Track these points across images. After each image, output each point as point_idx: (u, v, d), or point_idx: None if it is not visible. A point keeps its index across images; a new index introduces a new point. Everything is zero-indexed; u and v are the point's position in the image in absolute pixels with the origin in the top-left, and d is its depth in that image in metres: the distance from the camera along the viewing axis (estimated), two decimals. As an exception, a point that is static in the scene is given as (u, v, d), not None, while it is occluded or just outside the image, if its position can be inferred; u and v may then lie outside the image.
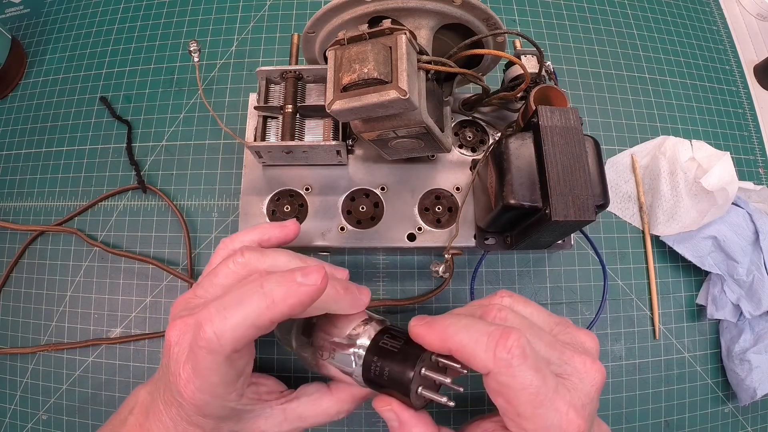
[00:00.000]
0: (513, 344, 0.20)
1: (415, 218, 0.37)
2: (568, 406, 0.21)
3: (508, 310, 0.24)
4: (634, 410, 0.40)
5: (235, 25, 0.49)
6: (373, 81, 0.25)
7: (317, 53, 0.34)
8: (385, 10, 0.29)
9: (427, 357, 0.24)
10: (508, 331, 0.21)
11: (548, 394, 0.20)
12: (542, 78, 0.33)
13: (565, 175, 0.27)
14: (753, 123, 0.50)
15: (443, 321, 0.23)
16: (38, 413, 0.40)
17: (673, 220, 0.42)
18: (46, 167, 0.45)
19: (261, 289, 0.22)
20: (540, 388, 0.20)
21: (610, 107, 0.48)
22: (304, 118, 0.36)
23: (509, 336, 0.21)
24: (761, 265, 0.41)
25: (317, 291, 0.22)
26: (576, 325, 0.25)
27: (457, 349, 0.22)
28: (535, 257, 0.42)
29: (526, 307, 0.25)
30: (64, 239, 0.43)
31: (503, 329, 0.21)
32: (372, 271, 0.41)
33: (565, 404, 0.21)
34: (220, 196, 0.43)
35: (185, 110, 0.46)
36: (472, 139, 0.39)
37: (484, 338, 0.21)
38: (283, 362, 0.39)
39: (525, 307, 0.25)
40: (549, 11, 0.51)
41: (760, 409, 0.42)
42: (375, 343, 0.25)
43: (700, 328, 0.42)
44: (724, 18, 0.54)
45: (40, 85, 0.48)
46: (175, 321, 0.24)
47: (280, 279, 0.22)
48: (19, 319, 0.42)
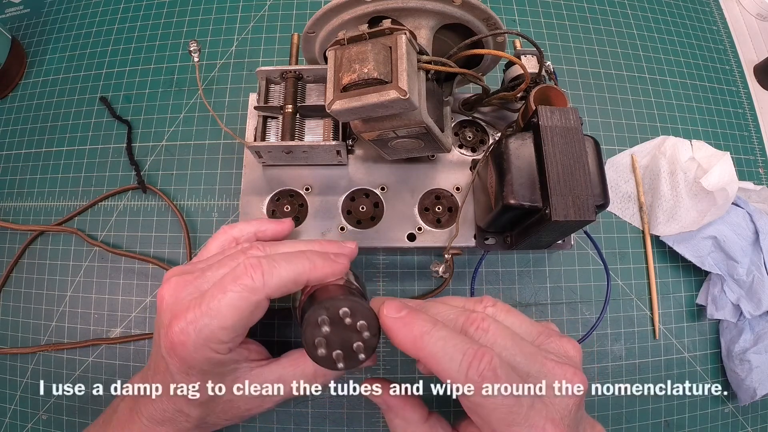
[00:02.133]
0: (485, 366, 0.21)
1: (415, 218, 0.37)
2: (545, 421, 0.21)
3: (491, 320, 0.23)
4: (634, 410, 0.40)
5: (235, 25, 0.49)
6: (373, 81, 0.25)
7: (317, 53, 0.34)
8: (385, 10, 0.29)
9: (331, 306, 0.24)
10: (482, 351, 0.21)
11: (522, 411, 0.21)
12: (542, 78, 0.33)
13: (565, 175, 0.27)
14: (753, 123, 0.50)
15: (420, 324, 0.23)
16: (38, 413, 0.40)
17: (673, 220, 0.42)
18: (46, 167, 0.45)
19: (305, 254, 0.27)
20: (513, 407, 0.21)
21: (610, 107, 0.48)
22: (304, 118, 0.36)
23: (483, 357, 0.21)
24: (761, 265, 0.41)
25: (345, 268, 0.28)
26: (560, 334, 0.25)
27: (428, 361, 0.22)
28: (535, 257, 0.42)
29: (509, 317, 0.25)
30: (64, 239, 0.43)
31: (477, 349, 0.21)
32: (372, 271, 0.41)
33: (541, 419, 0.21)
34: (220, 196, 0.43)
35: (185, 110, 0.46)
36: (472, 139, 0.39)
37: (459, 356, 0.21)
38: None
39: (508, 317, 0.25)
40: (549, 11, 0.51)
41: (760, 409, 0.42)
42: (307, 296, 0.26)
43: (700, 328, 0.42)
44: (724, 18, 0.54)
45: (40, 85, 0.48)
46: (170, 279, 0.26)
47: (319, 252, 0.27)
48: (19, 319, 0.42)
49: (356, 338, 0.24)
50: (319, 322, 0.23)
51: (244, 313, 0.25)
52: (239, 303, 0.24)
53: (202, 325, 0.24)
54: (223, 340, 0.25)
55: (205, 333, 0.24)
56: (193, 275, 0.27)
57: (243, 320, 0.25)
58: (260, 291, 0.25)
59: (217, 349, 0.25)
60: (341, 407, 0.38)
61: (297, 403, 0.38)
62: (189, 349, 0.24)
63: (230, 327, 0.24)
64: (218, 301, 0.24)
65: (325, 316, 0.23)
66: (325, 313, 0.23)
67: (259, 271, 0.25)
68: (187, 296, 0.26)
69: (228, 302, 0.24)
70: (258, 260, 0.25)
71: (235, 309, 0.24)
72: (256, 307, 0.25)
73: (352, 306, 0.24)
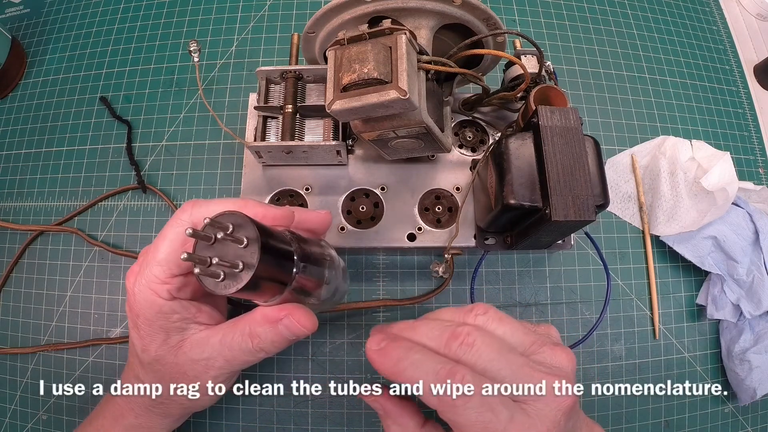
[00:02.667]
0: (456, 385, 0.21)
1: (415, 218, 0.37)
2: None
3: (478, 333, 0.23)
4: (634, 410, 0.40)
5: (235, 25, 0.49)
6: (373, 81, 0.25)
7: (317, 53, 0.34)
8: (385, 10, 0.29)
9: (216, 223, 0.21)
10: (454, 370, 0.21)
11: (499, 426, 0.21)
12: (542, 78, 0.33)
13: (565, 175, 0.27)
14: (753, 123, 0.50)
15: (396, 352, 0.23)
16: (38, 413, 0.40)
17: (673, 220, 0.42)
18: (46, 167, 0.45)
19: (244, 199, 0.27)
20: (489, 423, 0.21)
21: (610, 107, 0.48)
22: (304, 118, 0.36)
23: (454, 375, 0.21)
24: (761, 265, 0.41)
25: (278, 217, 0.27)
26: (554, 343, 0.25)
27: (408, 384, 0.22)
28: (535, 257, 0.42)
29: (500, 325, 0.25)
30: (64, 239, 0.43)
31: (450, 368, 0.21)
32: (372, 271, 0.41)
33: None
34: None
35: (185, 110, 0.46)
36: (472, 139, 0.39)
37: (431, 377, 0.21)
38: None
39: (500, 325, 0.25)
40: (549, 11, 0.51)
41: (760, 409, 0.42)
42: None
43: (700, 328, 0.42)
44: (724, 18, 0.54)
45: (40, 85, 0.48)
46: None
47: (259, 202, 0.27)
48: (19, 319, 0.42)
49: (236, 251, 0.21)
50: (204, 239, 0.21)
51: (175, 244, 0.25)
52: (170, 234, 0.25)
53: (144, 269, 0.26)
54: (159, 276, 0.25)
55: (146, 275, 0.25)
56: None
57: (175, 252, 0.25)
58: (188, 221, 0.25)
59: (157, 290, 0.25)
60: (341, 407, 0.38)
61: (297, 403, 0.38)
62: (136, 297, 0.26)
63: (164, 260, 0.25)
64: (155, 243, 0.26)
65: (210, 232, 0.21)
66: (211, 229, 0.21)
67: (190, 204, 0.26)
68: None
69: (161, 237, 0.26)
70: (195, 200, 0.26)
71: (166, 240, 0.25)
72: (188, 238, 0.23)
73: (236, 220, 0.21)
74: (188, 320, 0.27)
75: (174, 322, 0.27)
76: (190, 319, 0.27)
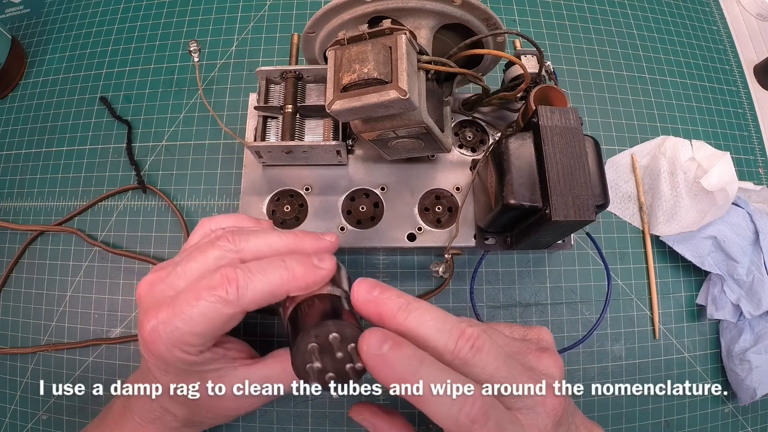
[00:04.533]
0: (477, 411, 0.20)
1: (415, 218, 0.37)
2: None
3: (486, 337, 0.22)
4: (634, 410, 0.40)
5: (235, 25, 0.49)
6: (373, 81, 0.25)
7: (317, 53, 0.34)
8: (385, 10, 0.29)
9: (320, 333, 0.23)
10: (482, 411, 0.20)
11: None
12: (542, 78, 0.33)
13: (565, 175, 0.27)
14: (753, 123, 0.50)
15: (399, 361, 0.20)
16: (38, 413, 0.40)
17: (673, 220, 0.42)
18: (46, 167, 0.45)
19: (284, 262, 0.25)
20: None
21: (610, 107, 0.48)
22: (304, 118, 0.36)
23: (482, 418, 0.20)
24: (761, 265, 0.41)
25: (330, 274, 0.25)
26: (541, 349, 0.25)
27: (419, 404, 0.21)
28: (535, 257, 0.42)
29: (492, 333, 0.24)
30: (64, 239, 0.43)
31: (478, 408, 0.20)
32: (372, 271, 0.41)
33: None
34: (220, 196, 0.43)
35: (185, 110, 0.46)
36: (472, 139, 0.39)
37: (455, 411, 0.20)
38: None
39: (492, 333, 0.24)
40: (549, 11, 0.51)
41: (760, 409, 0.42)
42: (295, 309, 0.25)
43: (700, 328, 0.42)
44: (724, 18, 0.54)
45: (40, 85, 0.48)
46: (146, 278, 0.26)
47: (300, 258, 0.25)
48: (19, 319, 0.42)
49: (347, 361, 0.23)
50: (309, 350, 0.23)
51: (216, 324, 0.24)
52: (211, 314, 0.24)
53: (173, 327, 0.24)
54: (192, 344, 0.24)
55: (175, 335, 0.24)
56: (165, 271, 0.26)
57: (214, 330, 0.24)
58: (234, 305, 0.24)
59: (187, 350, 0.25)
60: (341, 407, 0.38)
61: (297, 403, 0.38)
62: (160, 347, 0.24)
63: (200, 334, 0.24)
64: (191, 307, 0.24)
65: (315, 344, 0.23)
66: (315, 341, 0.23)
67: (234, 285, 0.24)
68: (159, 293, 0.25)
69: (200, 311, 0.24)
70: (234, 271, 0.24)
71: (206, 318, 0.24)
72: (230, 319, 0.25)
73: (341, 330, 0.23)
74: (219, 360, 0.27)
75: (206, 366, 0.26)
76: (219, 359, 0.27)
